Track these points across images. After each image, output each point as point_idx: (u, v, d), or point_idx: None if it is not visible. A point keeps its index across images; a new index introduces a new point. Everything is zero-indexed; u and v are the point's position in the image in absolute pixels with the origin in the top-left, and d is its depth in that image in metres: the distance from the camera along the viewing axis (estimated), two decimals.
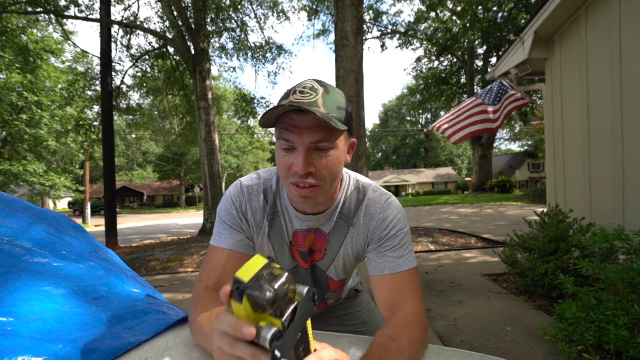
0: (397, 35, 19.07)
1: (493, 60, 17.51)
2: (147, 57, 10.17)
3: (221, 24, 8.96)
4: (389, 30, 18.69)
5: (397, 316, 0.63)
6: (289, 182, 0.63)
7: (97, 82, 10.53)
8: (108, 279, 0.73)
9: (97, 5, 8.26)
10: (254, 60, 10.47)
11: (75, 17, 8.29)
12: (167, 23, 8.89)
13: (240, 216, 0.72)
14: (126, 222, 16.98)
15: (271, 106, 0.60)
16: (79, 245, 0.79)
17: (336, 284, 0.84)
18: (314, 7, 11.68)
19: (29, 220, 0.75)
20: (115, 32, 9.27)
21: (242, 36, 9.89)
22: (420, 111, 46.60)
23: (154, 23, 13.32)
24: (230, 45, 10.10)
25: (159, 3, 8.70)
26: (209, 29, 8.53)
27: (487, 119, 4.14)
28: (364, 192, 0.75)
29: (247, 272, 0.31)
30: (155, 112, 18.75)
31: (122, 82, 10.16)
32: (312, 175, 0.61)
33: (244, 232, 0.72)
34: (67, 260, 0.69)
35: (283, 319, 0.30)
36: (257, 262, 0.32)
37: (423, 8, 17.95)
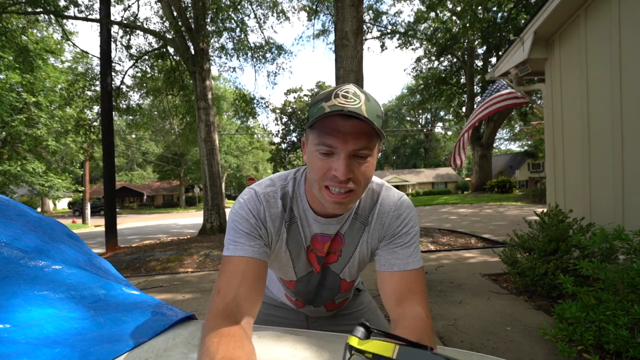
0: (397, 36, 19.07)
1: (493, 60, 17.51)
2: (147, 57, 10.17)
3: (221, 24, 8.96)
4: (388, 31, 18.69)
5: (412, 320, 0.62)
6: (322, 186, 0.62)
7: (97, 82, 10.53)
8: (106, 282, 0.72)
9: (97, 6, 8.28)
10: (254, 60, 10.48)
11: (75, 18, 8.29)
12: (167, 23, 8.90)
13: (258, 224, 0.69)
14: (126, 222, 16.98)
15: (317, 108, 0.59)
16: (74, 254, 0.79)
17: (347, 284, 0.85)
18: (314, 7, 11.68)
19: (23, 228, 0.74)
20: (115, 32, 9.27)
21: (242, 36, 9.90)
22: (420, 111, 46.64)
23: (154, 23, 13.35)
24: (230, 45, 10.11)
25: (159, 3, 8.70)
26: (209, 29, 8.53)
27: (482, 109, 4.15)
28: (378, 192, 0.76)
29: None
30: (155, 113, 18.76)
31: (122, 82, 10.16)
32: (351, 181, 0.60)
33: (262, 239, 0.69)
34: (64, 265, 0.69)
35: None
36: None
37: (423, 8, 17.95)
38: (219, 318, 0.56)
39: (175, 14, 7.91)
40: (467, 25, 16.01)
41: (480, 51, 18.96)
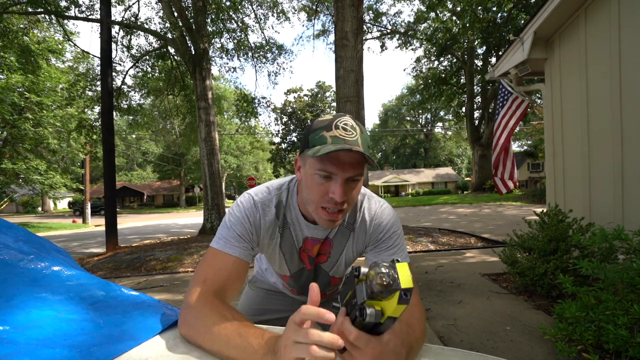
0: (397, 36, 19.04)
1: (493, 60, 17.49)
2: (147, 57, 10.17)
3: (221, 25, 8.96)
4: (388, 31, 18.68)
5: (405, 314, 0.65)
6: (319, 206, 0.70)
7: (98, 82, 10.52)
8: (105, 283, 0.73)
9: (97, 6, 8.26)
10: (255, 60, 10.48)
11: (76, 18, 8.29)
12: (167, 24, 8.90)
13: (251, 229, 0.77)
14: (126, 222, 16.98)
15: (318, 135, 0.67)
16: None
17: (336, 280, 0.97)
18: (314, 7, 11.68)
19: (15, 238, 0.75)
20: (115, 32, 9.27)
21: (243, 36, 9.89)
22: (420, 111, 46.60)
23: (155, 24, 13.32)
24: (230, 45, 10.11)
25: (160, 4, 8.70)
26: (209, 29, 8.53)
27: (509, 125, 4.00)
28: (360, 201, 0.85)
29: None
30: (156, 113, 18.76)
31: (123, 82, 10.16)
32: (345, 202, 0.69)
33: (250, 243, 0.77)
34: (63, 267, 0.70)
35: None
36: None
37: (423, 8, 17.93)
38: (208, 296, 0.65)
39: (175, 14, 7.92)
40: (467, 25, 15.97)
41: (480, 51, 18.95)
